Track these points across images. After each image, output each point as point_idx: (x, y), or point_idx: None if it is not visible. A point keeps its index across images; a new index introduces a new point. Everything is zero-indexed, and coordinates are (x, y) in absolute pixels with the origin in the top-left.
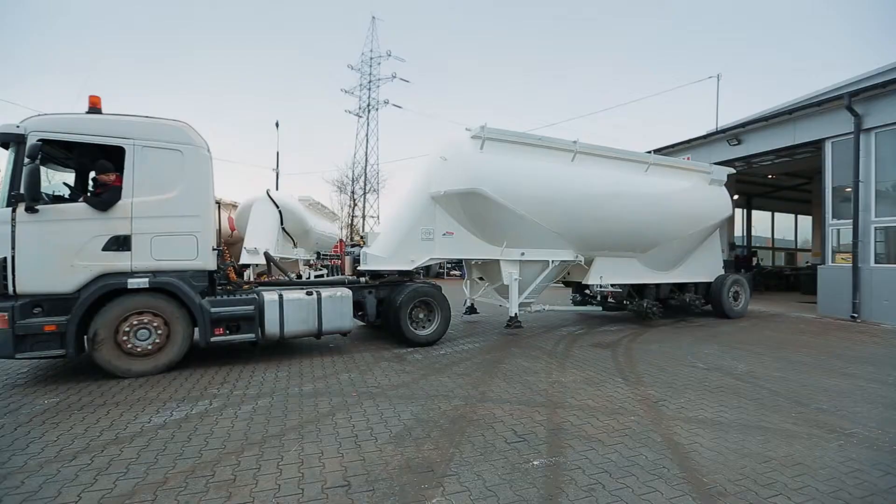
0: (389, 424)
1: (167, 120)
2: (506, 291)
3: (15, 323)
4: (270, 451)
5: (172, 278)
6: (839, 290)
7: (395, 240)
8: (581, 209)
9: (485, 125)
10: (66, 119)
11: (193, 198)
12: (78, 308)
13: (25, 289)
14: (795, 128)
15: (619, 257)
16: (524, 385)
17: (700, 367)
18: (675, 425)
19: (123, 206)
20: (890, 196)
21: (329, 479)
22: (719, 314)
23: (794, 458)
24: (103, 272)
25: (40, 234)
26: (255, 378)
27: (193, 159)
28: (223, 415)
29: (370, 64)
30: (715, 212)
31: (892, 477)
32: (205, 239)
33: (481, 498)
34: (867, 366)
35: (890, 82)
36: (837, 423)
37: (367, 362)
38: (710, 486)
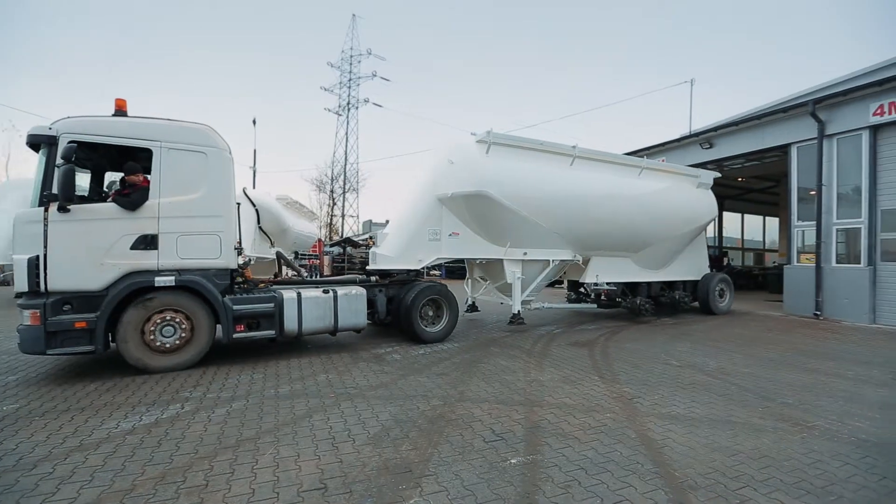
0: (367, 425)
1: (192, 123)
2: (507, 290)
3: (46, 320)
4: (245, 455)
5: (197, 276)
6: (803, 288)
7: (404, 240)
8: (579, 211)
9: (490, 130)
10: (97, 121)
11: (217, 198)
12: (107, 305)
13: (56, 286)
14: (764, 132)
15: (614, 257)
16: (503, 384)
17: (673, 364)
18: (649, 421)
19: (151, 206)
20: (850, 199)
21: (305, 482)
22: (706, 311)
23: (761, 451)
24: (131, 270)
25: (71, 233)
26: (230, 380)
27: (217, 161)
28: (195, 418)
29: (350, 62)
30: (702, 214)
31: (850, 467)
32: (227, 238)
33: (459, 497)
34: (828, 361)
35: (851, 90)
36: (801, 417)
37: (345, 363)
38: (681, 479)
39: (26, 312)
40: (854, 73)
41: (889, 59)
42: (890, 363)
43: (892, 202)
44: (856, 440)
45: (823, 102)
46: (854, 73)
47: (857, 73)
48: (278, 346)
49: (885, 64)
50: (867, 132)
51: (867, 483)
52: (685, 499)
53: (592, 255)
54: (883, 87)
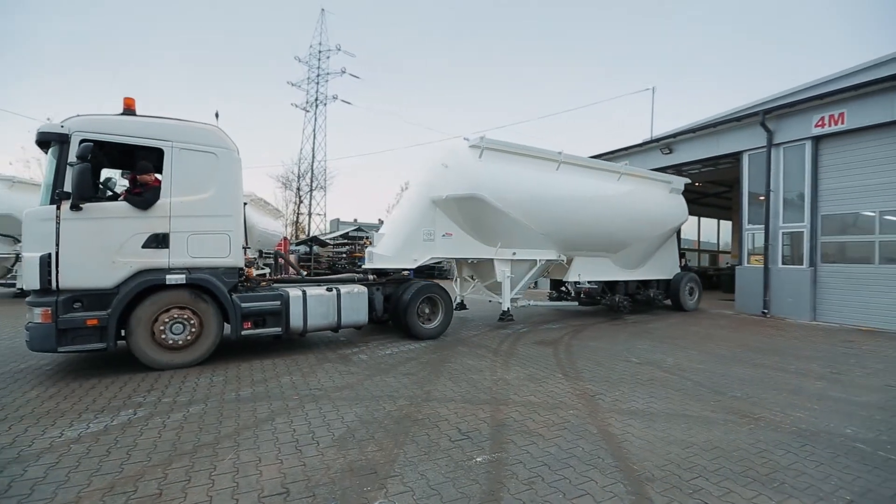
0: (332, 427)
1: (202, 123)
2: (495, 288)
3: (58, 317)
4: (202, 462)
5: (207, 275)
6: (753, 288)
7: (399, 240)
8: (564, 213)
9: (483, 136)
10: (108, 120)
11: (226, 198)
12: (119, 303)
13: (68, 284)
14: (719, 140)
15: (595, 257)
16: (469, 383)
17: (634, 361)
18: (610, 417)
19: (162, 205)
20: (795, 204)
21: (266, 488)
22: (677, 307)
23: (713, 443)
24: (142, 268)
25: (83, 231)
26: (188, 384)
27: (227, 162)
28: (149, 425)
29: (318, 57)
30: (674, 217)
31: (792, 455)
32: (236, 237)
33: (424, 497)
34: (774, 357)
35: (796, 103)
36: (749, 409)
37: (310, 364)
38: (639, 472)
39: (37, 310)
40: (801, 86)
41: (832, 75)
42: (827, 358)
43: (832, 208)
44: (797, 430)
45: (772, 113)
46: (801, 86)
47: (804, 85)
48: (228, 350)
49: (828, 78)
50: (810, 142)
51: (805, 469)
52: (642, 490)
53: (575, 256)
54: (824, 101)
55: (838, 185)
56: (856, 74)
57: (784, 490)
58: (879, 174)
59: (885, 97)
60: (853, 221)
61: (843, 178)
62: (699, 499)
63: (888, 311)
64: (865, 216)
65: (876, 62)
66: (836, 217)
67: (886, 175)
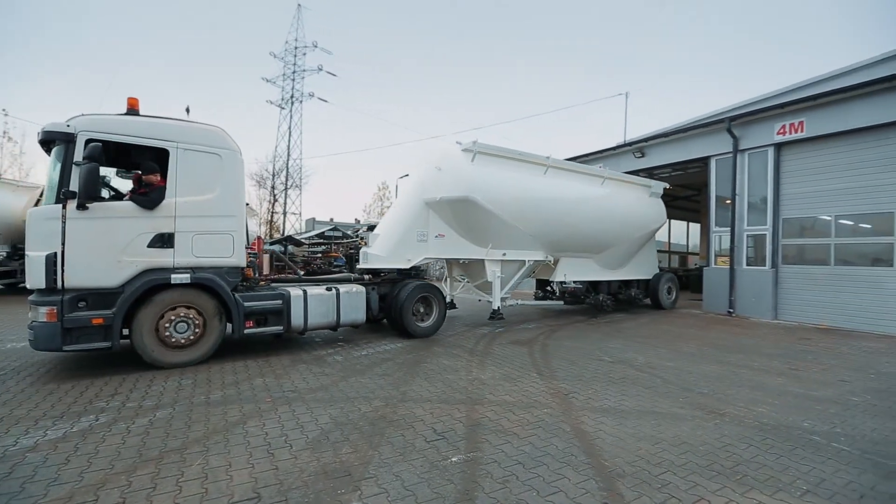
0: (306, 430)
1: (206, 125)
2: (485, 288)
3: (63, 316)
4: (169, 468)
5: (211, 274)
6: (720, 288)
7: (394, 241)
8: (552, 215)
9: (476, 140)
10: (114, 120)
11: (230, 199)
12: (124, 302)
13: (73, 283)
14: (688, 145)
15: (580, 258)
16: (445, 383)
17: (606, 360)
18: (583, 415)
19: (168, 205)
20: (758, 208)
21: (237, 493)
22: (656, 306)
23: (681, 438)
24: (147, 268)
25: (89, 230)
26: (154, 387)
27: (231, 163)
28: (112, 431)
29: (295, 54)
30: (654, 219)
31: (754, 448)
32: (239, 238)
33: (399, 498)
34: (738, 354)
35: (759, 111)
36: (715, 405)
37: (283, 366)
38: (610, 468)
39: (42, 309)
40: (762, 96)
41: (793, 84)
42: (787, 355)
43: (792, 212)
44: (759, 424)
45: (738, 120)
46: (762, 96)
47: (769, 94)
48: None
49: (790, 88)
50: (772, 149)
51: (766, 462)
52: (613, 486)
53: (561, 256)
54: (785, 110)
55: (798, 190)
56: (816, 84)
57: (746, 482)
58: (835, 180)
59: (840, 108)
60: (811, 225)
61: (802, 184)
62: (667, 493)
63: (842, 309)
64: (822, 220)
65: (835, 73)
66: (795, 220)
67: (841, 181)
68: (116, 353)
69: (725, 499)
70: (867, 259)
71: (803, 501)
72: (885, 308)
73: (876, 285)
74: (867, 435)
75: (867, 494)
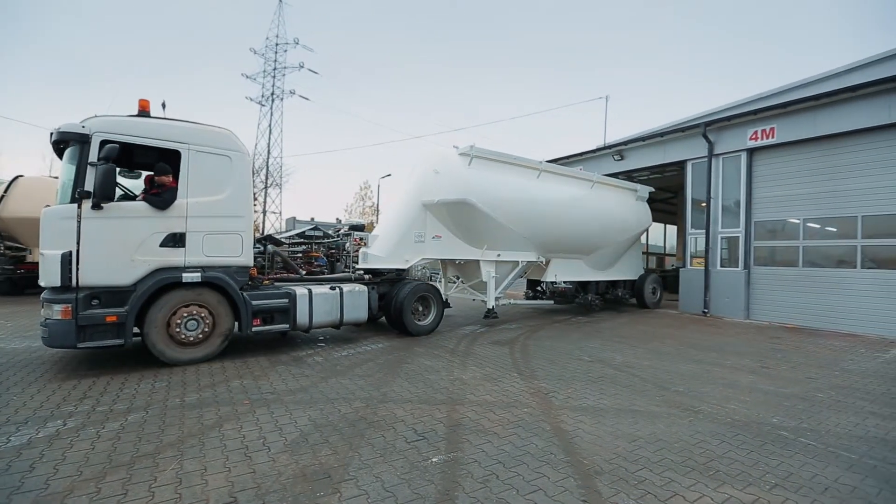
0: (284, 432)
1: (217, 127)
2: (480, 288)
3: (78, 314)
4: (141, 473)
5: (220, 273)
6: (695, 289)
7: (392, 241)
8: (545, 218)
9: (473, 145)
10: (128, 121)
11: (239, 200)
12: (136, 300)
13: (87, 281)
14: (665, 149)
15: (570, 259)
16: (426, 384)
17: (585, 359)
18: (563, 414)
19: (180, 205)
20: (732, 211)
21: (212, 497)
22: (641, 305)
23: (656, 436)
24: (159, 267)
25: (103, 229)
26: (126, 390)
27: (240, 164)
28: (80, 436)
29: (275, 50)
30: (640, 222)
31: (726, 444)
32: (248, 238)
33: (379, 500)
34: (712, 353)
35: (733, 116)
36: (689, 403)
37: (262, 367)
38: (588, 466)
39: (57, 307)
40: (737, 102)
41: (766, 92)
42: (758, 353)
43: (764, 215)
44: (731, 420)
45: (713, 125)
46: (737, 102)
47: (743, 100)
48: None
49: (763, 95)
50: (745, 154)
51: (738, 457)
52: (591, 484)
53: (553, 257)
54: (757, 116)
55: (770, 193)
56: (787, 92)
57: (719, 477)
58: (804, 185)
59: (808, 115)
60: (782, 228)
61: (773, 188)
62: (643, 489)
63: (809, 309)
64: (792, 223)
65: (805, 82)
66: (767, 223)
67: (810, 186)
68: (87, 355)
69: (699, 494)
70: (833, 261)
71: (772, 495)
72: (849, 308)
73: (841, 286)
74: (831, 430)
75: (831, 486)
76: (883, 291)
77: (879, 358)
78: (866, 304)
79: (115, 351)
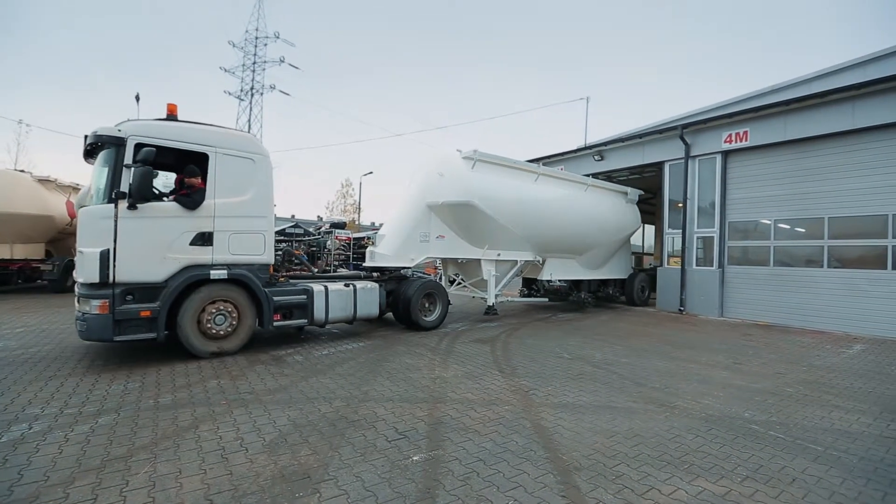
0: (263, 432)
1: (241, 131)
2: (480, 286)
3: (115, 309)
4: (112, 477)
5: (244, 270)
6: (672, 287)
7: (398, 241)
8: (542, 219)
9: (476, 150)
10: (161, 125)
11: (262, 201)
12: (168, 296)
13: (123, 278)
14: (644, 150)
15: (565, 258)
16: (407, 382)
17: (565, 357)
18: (543, 411)
19: (207, 206)
20: (707, 212)
21: (188, 500)
22: (630, 303)
23: (634, 431)
24: (189, 264)
25: (138, 229)
26: (97, 392)
27: (263, 167)
28: (47, 439)
29: (255, 44)
30: (630, 224)
31: (700, 439)
32: (270, 237)
33: (359, 499)
34: (688, 350)
35: (709, 119)
36: (665, 399)
37: (240, 367)
38: (568, 462)
39: (95, 302)
40: (713, 106)
41: (741, 96)
42: (731, 350)
43: (737, 216)
44: (705, 415)
45: (689, 128)
46: (713, 106)
47: (719, 104)
48: (148, 353)
49: (739, 99)
50: (720, 156)
51: (711, 451)
52: (570, 479)
53: (548, 257)
54: (732, 120)
55: (743, 195)
56: (761, 97)
57: (693, 471)
58: (775, 187)
59: (779, 119)
60: (754, 228)
61: (746, 190)
62: (621, 484)
63: (780, 307)
64: (763, 224)
65: (778, 87)
66: (740, 224)
67: (780, 188)
68: (55, 357)
69: (674, 487)
70: (801, 260)
71: (743, 486)
72: (817, 305)
73: (809, 285)
74: (799, 423)
75: (798, 478)
76: (847, 290)
77: (844, 353)
78: (832, 301)
79: (84, 352)
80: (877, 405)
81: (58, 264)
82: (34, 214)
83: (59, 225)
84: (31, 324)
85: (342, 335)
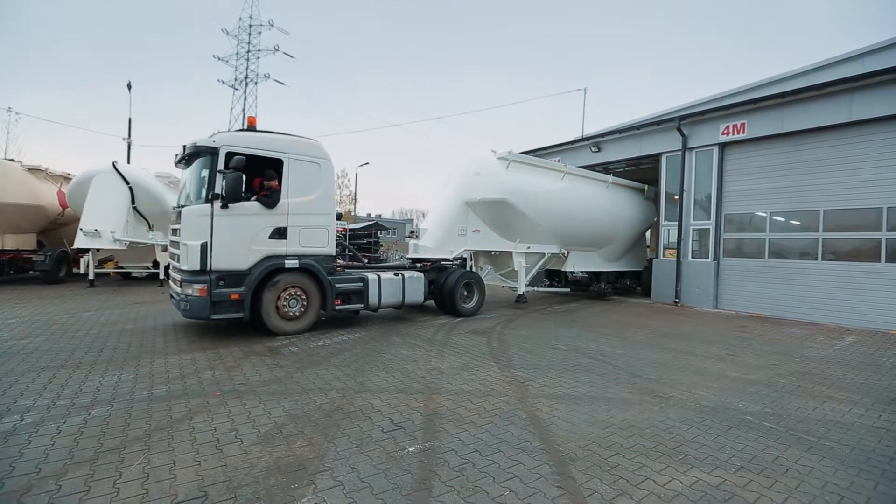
0: (258, 424)
1: (308, 139)
2: (510, 276)
3: (211, 292)
4: (105, 469)
5: (312, 261)
6: (667, 279)
7: (439, 234)
8: (568, 215)
9: (511, 151)
10: (246, 136)
11: (326, 200)
12: (252, 281)
13: (217, 266)
14: (641, 141)
15: (587, 251)
16: (403, 373)
17: (561, 348)
18: (539, 402)
19: (282, 205)
20: (703, 204)
21: (181, 492)
22: (647, 293)
23: (629, 422)
24: (268, 255)
25: (229, 225)
26: (90, 383)
27: (326, 170)
28: (39, 431)
29: (249, 32)
30: (647, 219)
31: (695, 429)
32: (332, 232)
33: (355, 491)
34: (682, 341)
35: (706, 111)
36: (660, 390)
37: (235, 358)
38: (563, 453)
39: (196, 286)
40: (714, 96)
41: (739, 87)
42: (725, 341)
43: (733, 208)
44: (700, 406)
45: (687, 119)
46: (714, 96)
47: (716, 95)
48: (141, 345)
49: (736, 91)
50: (717, 148)
51: (705, 441)
52: (566, 470)
53: (572, 250)
54: (729, 112)
55: (739, 187)
56: (759, 88)
57: (687, 461)
58: (771, 179)
59: (776, 112)
60: (749, 220)
61: (742, 182)
62: (616, 474)
63: (774, 299)
64: (759, 216)
65: (776, 79)
66: (736, 216)
67: (776, 180)
68: (47, 348)
69: (669, 477)
70: (796, 253)
71: (737, 477)
72: (810, 298)
73: (803, 277)
74: (792, 413)
75: (791, 468)
76: (840, 282)
77: (836, 345)
78: (825, 294)
79: (76, 343)
80: (868, 396)
81: (50, 255)
82: (25, 204)
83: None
84: (22, 315)
85: (338, 326)
